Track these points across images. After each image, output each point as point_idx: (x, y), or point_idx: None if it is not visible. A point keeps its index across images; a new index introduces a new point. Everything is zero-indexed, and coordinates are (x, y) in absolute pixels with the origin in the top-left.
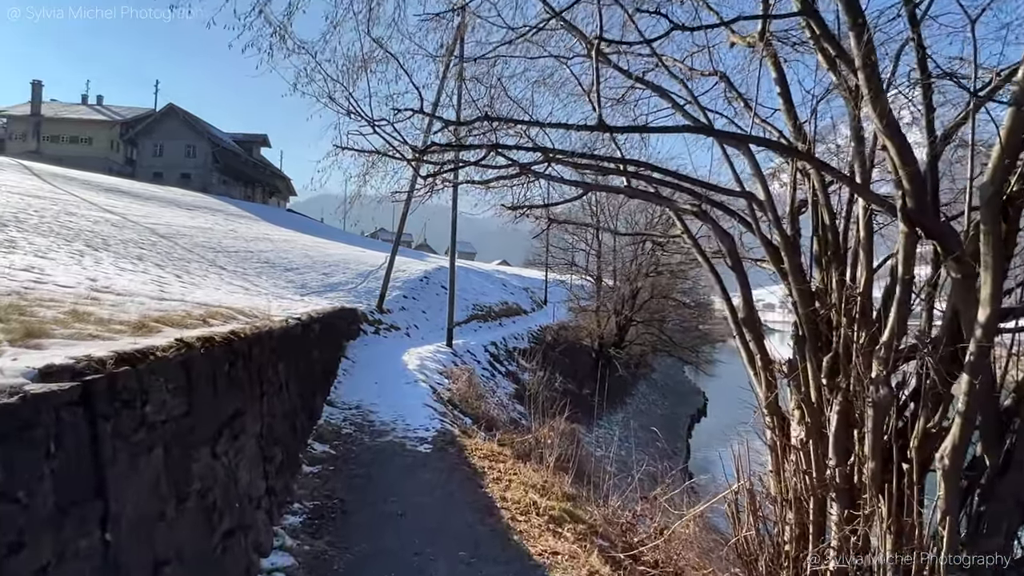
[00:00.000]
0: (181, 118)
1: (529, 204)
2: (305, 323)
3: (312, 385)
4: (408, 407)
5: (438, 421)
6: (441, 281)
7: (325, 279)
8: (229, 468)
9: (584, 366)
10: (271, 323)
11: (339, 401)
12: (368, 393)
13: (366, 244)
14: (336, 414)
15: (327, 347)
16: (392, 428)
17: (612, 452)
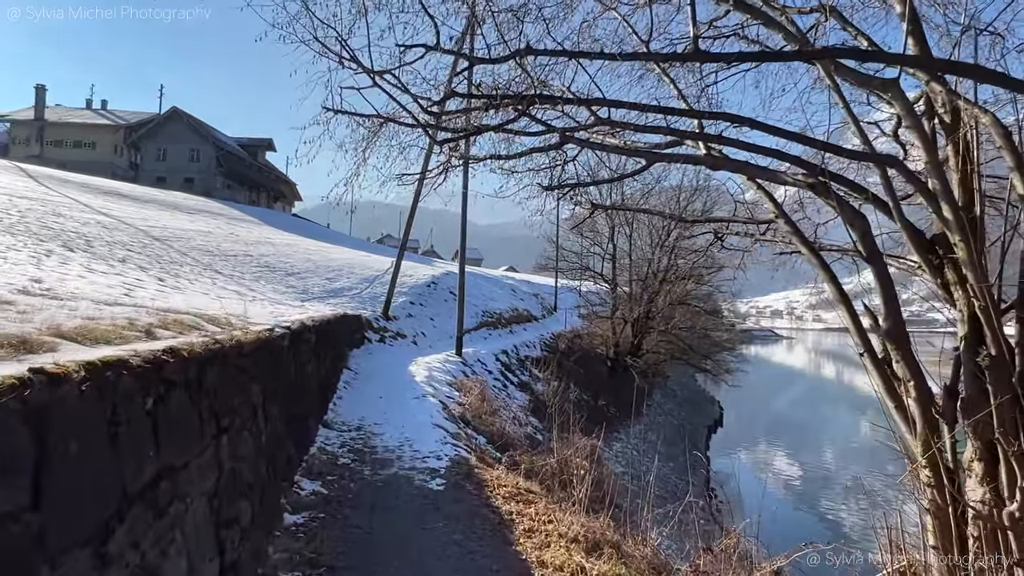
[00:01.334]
0: (185, 122)
1: (575, 182)
2: (296, 332)
3: (304, 405)
4: (416, 427)
5: (451, 446)
6: (449, 286)
7: (328, 284)
8: (144, 568)
9: (599, 375)
10: (243, 334)
11: (338, 421)
12: (372, 410)
13: (372, 249)
14: (333, 439)
15: (326, 358)
16: (398, 456)
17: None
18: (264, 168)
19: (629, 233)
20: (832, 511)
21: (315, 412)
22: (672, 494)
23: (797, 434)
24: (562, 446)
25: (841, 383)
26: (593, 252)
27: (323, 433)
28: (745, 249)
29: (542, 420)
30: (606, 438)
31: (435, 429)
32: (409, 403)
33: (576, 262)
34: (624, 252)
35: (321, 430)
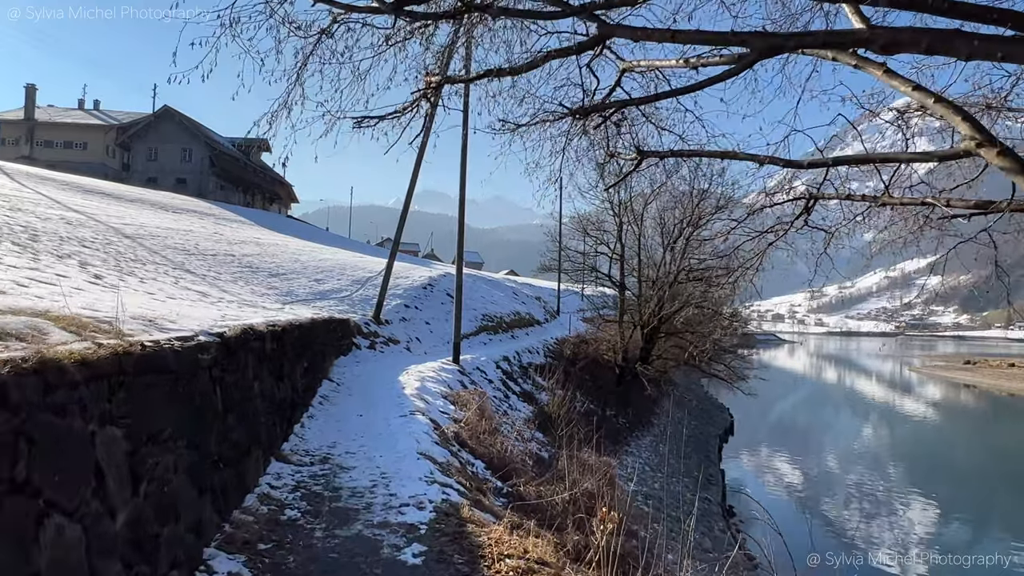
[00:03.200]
0: (177, 121)
1: (620, 100)
2: (236, 341)
3: (243, 436)
4: (397, 458)
5: (438, 488)
6: (447, 288)
7: (316, 286)
8: None
9: (607, 383)
10: (88, 348)
11: (299, 451)
12: (346, 433)
13: (370, 252)
14: (286, 478)
15: (295, 371)
16: (367, 503)
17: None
18: (259, 169)
19: (639, 232)
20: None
21: (266, 442)
22: (689, 514)
23: (807, 442)
24: (573, 468)
25: (844, 387)
26: (600, 252)
27: (275, 470)
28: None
29: (548, 434)
30: (617, 452)
31: (420, 461)
32: (393, 423)
33: (581, 263)
34: (633, 252)
35: (273, 465)
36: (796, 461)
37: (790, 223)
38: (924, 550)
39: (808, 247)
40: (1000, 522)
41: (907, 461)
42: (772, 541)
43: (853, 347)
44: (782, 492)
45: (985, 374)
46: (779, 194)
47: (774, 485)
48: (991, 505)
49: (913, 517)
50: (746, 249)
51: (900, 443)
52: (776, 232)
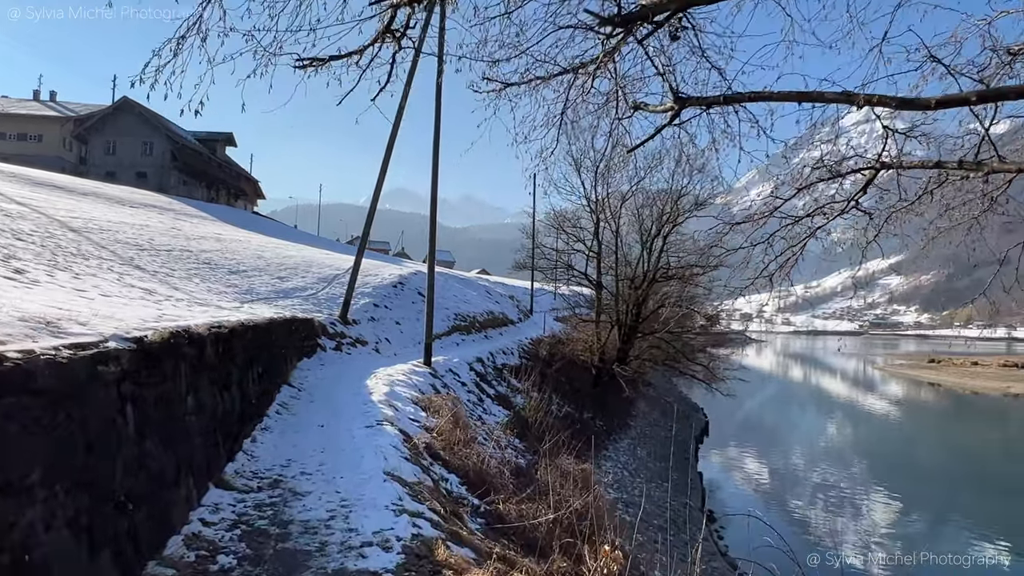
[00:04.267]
0: (136, 113)
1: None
2: (157, 349)
3: (170, 466)
4: (360, 480)
5: (407, 520)
6: (418, 287)
7: (279, 284)
8: None
9: (583, 384)
10: None
11: (247, 473)
12: (304, 448)
13: (339, 250)
14: (226, 509)
15: (246, 379)
16: (322, 543)
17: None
18: (224, 164)
19: (616, 228)
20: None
21: (202, 466)
22: (673, 523)
23: (781, 442)
24: (556, 483)
25: (814, 386)
26: (576, 250)
27: (212, 500)
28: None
29: (524, 439)
30: (595, 457)
31: (388, 483)
32: (358, 436)
33: (556, 261)
34: (610, 250)
35: (211, 494)
36: (771, 463)
37: (849, 200)
38: (897, 547)
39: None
40: (973, 518)
41: (877, 460)
42: (756, 551)
43: (819, 346)
44: (759, 495)
45: (949, 372)
46: (817, 171)
47: (750, 487)
48: (961, 502)
49: (887, 515)
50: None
51: (870, 442)
52: (826, 213)
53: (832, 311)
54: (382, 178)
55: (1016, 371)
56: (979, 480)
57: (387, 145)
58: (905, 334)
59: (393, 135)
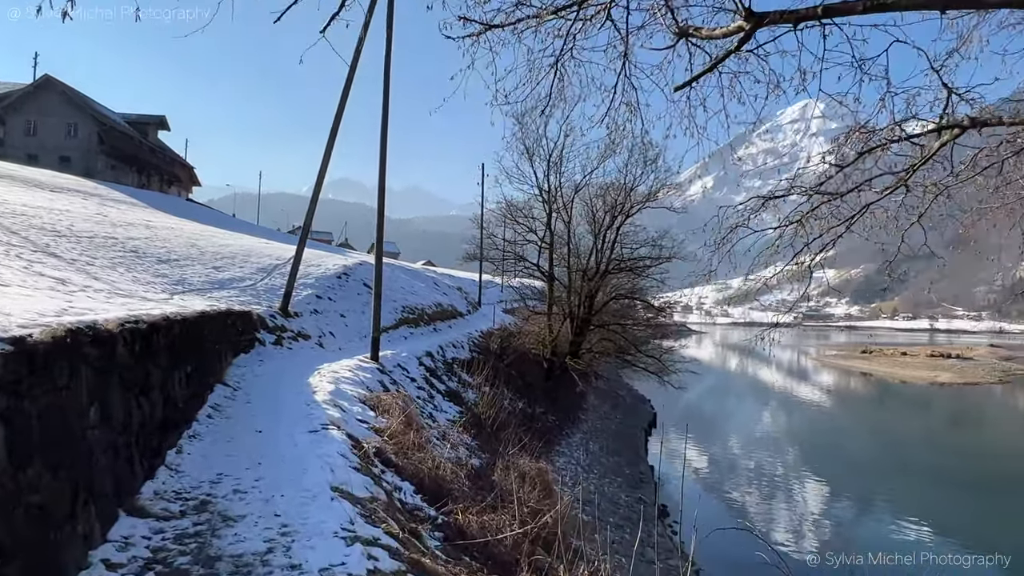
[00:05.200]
0: (59, 92)
1: None
2: (44, 351)
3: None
4: (303, 498)
5: (360, 550)
6: (364, 278)
7: (214, 274)
8: None
9: (535, 378)
10: None
11: (168, 493)
12: (239, 459)
13: (280, 239)
14: (139, 544)
15: (171, 380)
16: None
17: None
18: (156, 148)
19: (568, 219)
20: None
21: (110, 489)
22: (630, 520)
23: (725, 433)
24: (514, 483)
25: (754, 377)
26: (528, 241)
27: (123, 531)
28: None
29: (477, 437)
30: (549, 453)
31: (336, 502)
32: (301, 442)
33: (508, 252)
34: (563, 241)
35: (122, 523)
36: (715, 452)
37: (916, 164)
38: (826, 531)
39: (714, 238)
40: (897, 503)
41: (812, 447)
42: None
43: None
44: (705, 485)
45: (881, 363)
46: (873, 135)
47: (696, 478)
48: (888, 487)
49: (818, 500)
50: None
51: (805, 431)
52: (876, 187)
53: (769, 303)
54: (326, 162)
55: (942, 361)
56: (905, 466)
57: (332, 126)
58: (836, 325)
59: (339, 115)
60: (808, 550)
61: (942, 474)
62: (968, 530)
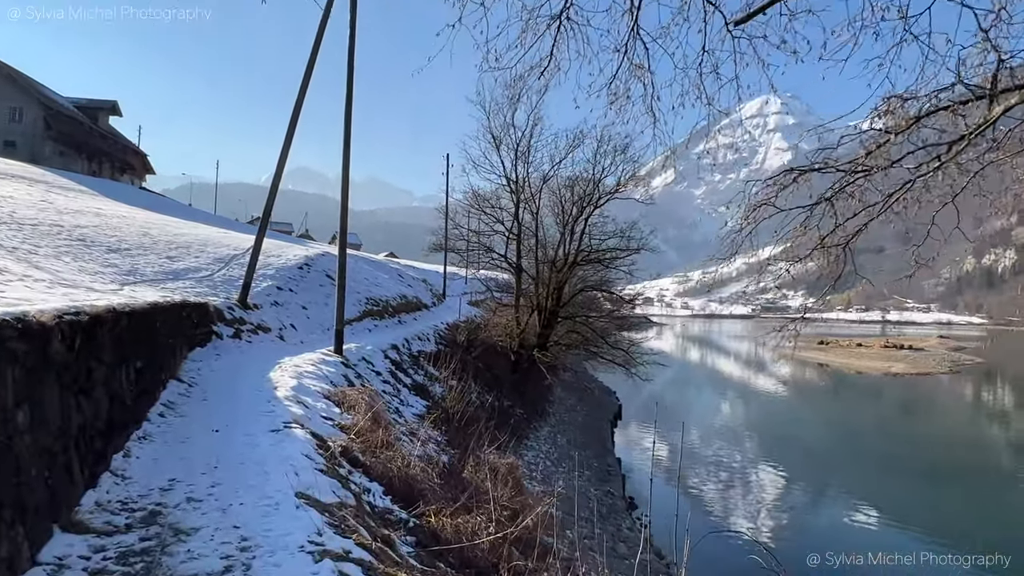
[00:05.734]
0: (4, 75)
1: None
2: None
3: None
4: (267, 506)
5: (330, 567)
6: (326, 269)
7: (168, 264)
8: None
9: (502, 371)
10: None
11: (113, 504)
12: (193, 463)
13: (239, 229)
14: (75, 565)
15: (117, 377)
16: None
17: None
18: (108, 135)
19: (536, 210)
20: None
21: (43, 504)
22: (600, 515)
23: (687, 420)
24: (485, 480)
25: (715, 368)
26: (496, 231)
27: (59, 550)
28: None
29: (445, 431)
30: (518, 447)
31: (302, 510)
32: (262, 443)
33: (475, 242)
34: (530, 232)
35: (56, 541)
36: (679, 443)
37: (972, 132)
38: (784, 516)
39: (675, 233)
40: (851, 489)
41: (772, 437)
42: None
43: (715, 328)
44: (669, 475)
45: (837, 354)
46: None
47: (660, 469)
48: (844, 474)
49: (776, 488)
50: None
51: (765, 420)
52: (908, 164)
53: (728, 295)
54: (286, 150)
55: (895, 352)
56: (862, 455)
57: (292, 114)
58: (792, 317)
59: (299, 103)
60: (763, 537)
61: (899, 462)
62: (924, 517)
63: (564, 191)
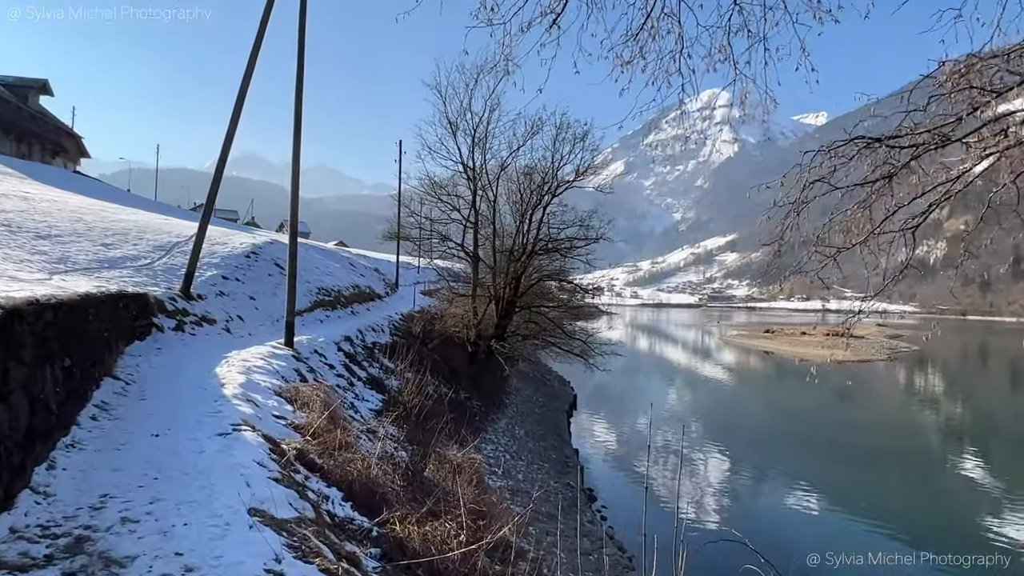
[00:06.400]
0: None
1: None
2: None
3: None
4: (216, 528)
5: None
6: (275, 257)
7: (104, 252)
8: None
9: (459, 362)
10: None
11: (31, 529)
12: (129, 475)
13: (182, 216)
14: None
15: (40, 377)
16: None
17: None
18: (38, 115)
19: (493, 198)
20: None
21: None
22: (561, 509)
23: (641, 411)
24: (446, 479)
25: (662, 355)
26: (452, 219)
27: None
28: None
29: (403, 427)
30: (477, 441)
31: (256, 530)
32: (208, 449)
33: (430, 230)
34: (488, 220)
35: None
36: (637, 432)
37: None
38: (726, 497)
39: (624, 224)
40: (794, 473)
41: (719, 423)
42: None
43: (664, 317)
44: (622, 464)
45: (782, 341)
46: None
47: (614, 459)
48: (789, 458)
49: (722, 471)
50: None
51: (713, 407)
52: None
53: (676, 285)
54: (232, 133)
55: (838, 339)
56: (807, 440)
57: (237, 98)
58: (738, 306)
59: (244, 86)
60: (710, 520)
61: (842, 447)
62: (865, 497)
63: (523, 179)
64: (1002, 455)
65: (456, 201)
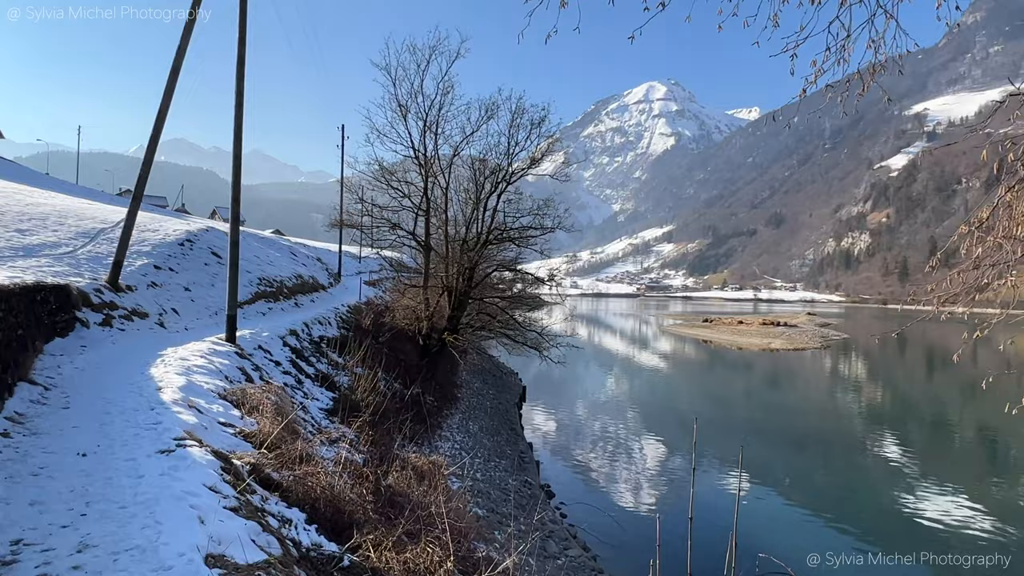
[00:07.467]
0: None
1: None
2: None
3: None
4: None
5: None
6: (211, 245)
7: (19, 239)
8: None
9: (410, 356)
10: None
11: None
12: (49, 510)
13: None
14: None
15: None
16: None
17: None
18: None
19: (446, 185)
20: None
21: None
22: (522, 508)
23: (589, 402)
24: (413, 488)
25: (607, 346)
26: (404, 207)
27: None
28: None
29: (357, 428)
30: (433, 439)
31: (211, 571)
32: (147, 472)
33: (381, 219)
34: (440, 208)
35: None
36: (585, 423)
37: None
38: (663, 483)
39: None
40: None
41: (657, 411)
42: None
43: (603, 307)
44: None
45: (720, 331)
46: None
47: (569, 453)
48: (727, 444)
49: (658, 457)
50: None
51: (653, 396)
52: None
53: (615, 275)
54: (164, 111)
55: (773, 328)
56: (738, 425)
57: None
58: (675, 296)
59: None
60: (647, 507)
61: (784, 432)
62: (801, 480)
63: (478, 164)
64: (916, 437)
65: (407, 188)
